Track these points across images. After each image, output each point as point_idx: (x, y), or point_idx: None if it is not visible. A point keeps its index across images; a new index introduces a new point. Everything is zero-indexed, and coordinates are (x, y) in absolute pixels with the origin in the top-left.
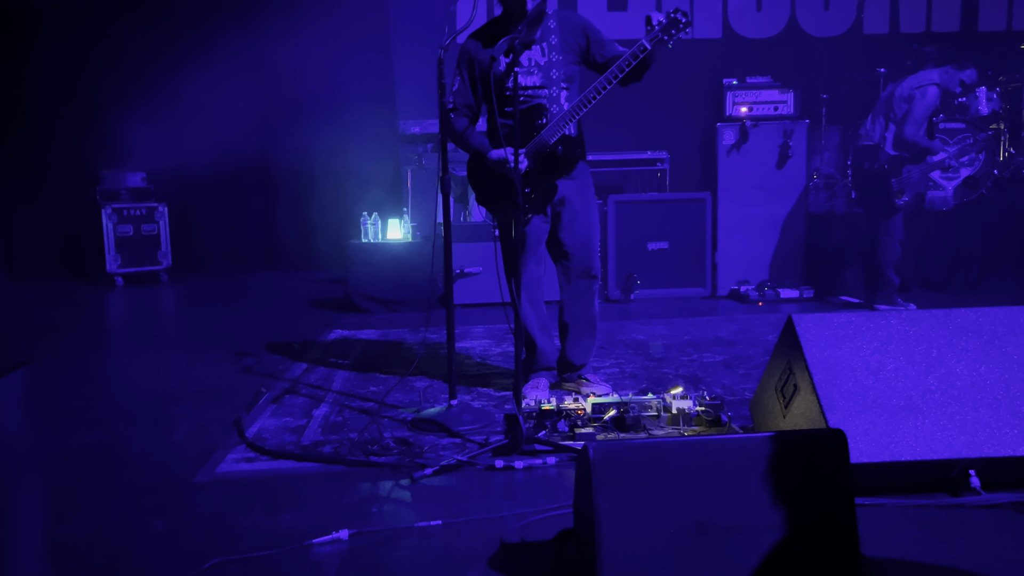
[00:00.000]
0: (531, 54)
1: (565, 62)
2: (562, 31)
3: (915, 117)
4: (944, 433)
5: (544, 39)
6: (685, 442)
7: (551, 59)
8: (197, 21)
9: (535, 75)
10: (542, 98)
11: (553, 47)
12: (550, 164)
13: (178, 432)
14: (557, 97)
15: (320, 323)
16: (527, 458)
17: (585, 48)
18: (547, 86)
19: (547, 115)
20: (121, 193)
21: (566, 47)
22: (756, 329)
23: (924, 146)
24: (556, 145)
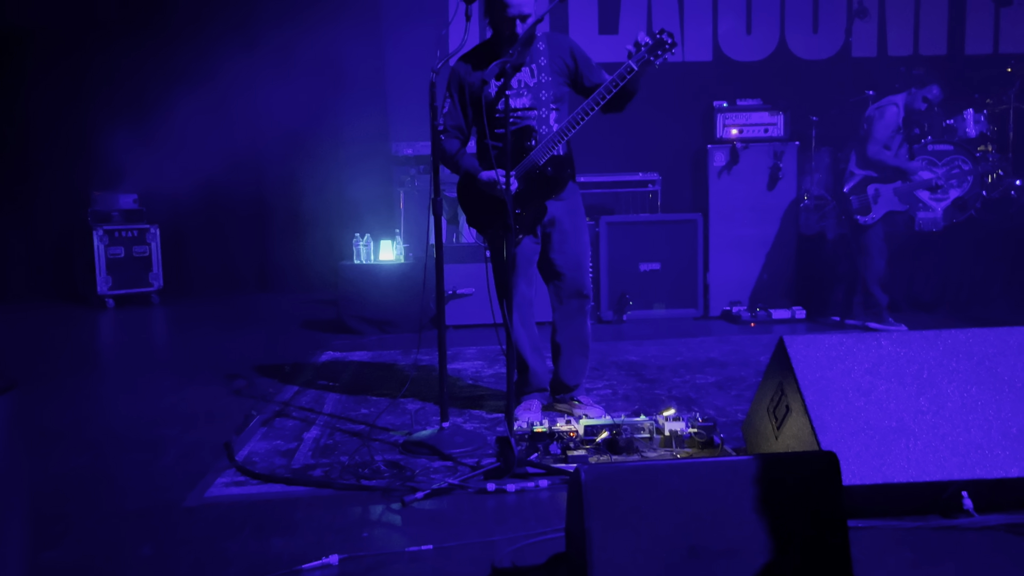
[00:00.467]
0: (520, 75)
1: (554, 83)
2: (551, 52)
3: (875, 136)
4: (936, 455)
5: (533, 60)
6: (677, 465)
7: (540, 80)
8: (191, 42)
9: (524, 96)
10: (531, 119)
11: (542, 68)
12: (540, 185)
13: (167, 455)
14: (546, 118)
15: (312, 345)
16: (519, 481)
17: (573, 70)
18: (536, 107)
19: (536, 136)
20: (113, 215)
21: (555, 68)
22: (748, 350)
23: (892, 165)
24: (546, 166)
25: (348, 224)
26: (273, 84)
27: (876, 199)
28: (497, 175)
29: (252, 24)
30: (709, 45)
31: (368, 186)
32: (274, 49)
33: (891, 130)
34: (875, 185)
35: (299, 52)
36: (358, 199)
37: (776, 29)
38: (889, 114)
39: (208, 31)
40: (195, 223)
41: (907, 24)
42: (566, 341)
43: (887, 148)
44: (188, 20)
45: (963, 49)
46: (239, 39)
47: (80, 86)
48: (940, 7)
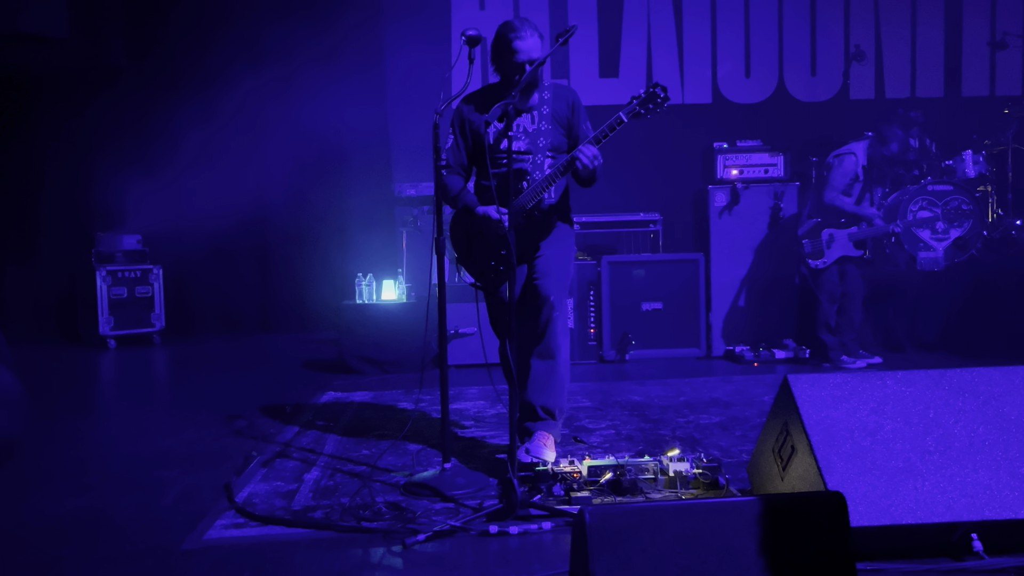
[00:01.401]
0: (521, 120)
1: (553, 132)
2: (554, 102)
3: (832, 183)
4: (944, 495)
5: (537, 108)
6: (682, 506)
7: (540, 127)
8: (195, 84)
9: (521, 140)
10: (526, 163)
11: (544, 116)
12: (527, 226)
13: (167, 497)
14: (541, 164)
15: (313, 385)
16: (522, 523)
17: (570, 123)
18: (532, 152)
19: (528, 179)
20: (116, 255)
21: (556, 118)
22: (752, 390)
23: (850, 212)
24: (532, 210)
25: (351, 264)
26: (276, 125)
27: (830, 244)
28: (488, 210)
29: (256, 66)
30: (708, 88)
31: (371, 226)
32: (277, 91)
33: (849, 178)
34: (829, 230)
35: (302, 94)
36: (361, 239)
37: (775, 72)
38: (848, 162)
39: (212, 74)
40: (198, 263)
41: (904, 67)
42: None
43: (847, 195)
44: (192, 63)
45: (960, 91)
46: (243, 82)
47: (84, 128)
48: (936, 50)
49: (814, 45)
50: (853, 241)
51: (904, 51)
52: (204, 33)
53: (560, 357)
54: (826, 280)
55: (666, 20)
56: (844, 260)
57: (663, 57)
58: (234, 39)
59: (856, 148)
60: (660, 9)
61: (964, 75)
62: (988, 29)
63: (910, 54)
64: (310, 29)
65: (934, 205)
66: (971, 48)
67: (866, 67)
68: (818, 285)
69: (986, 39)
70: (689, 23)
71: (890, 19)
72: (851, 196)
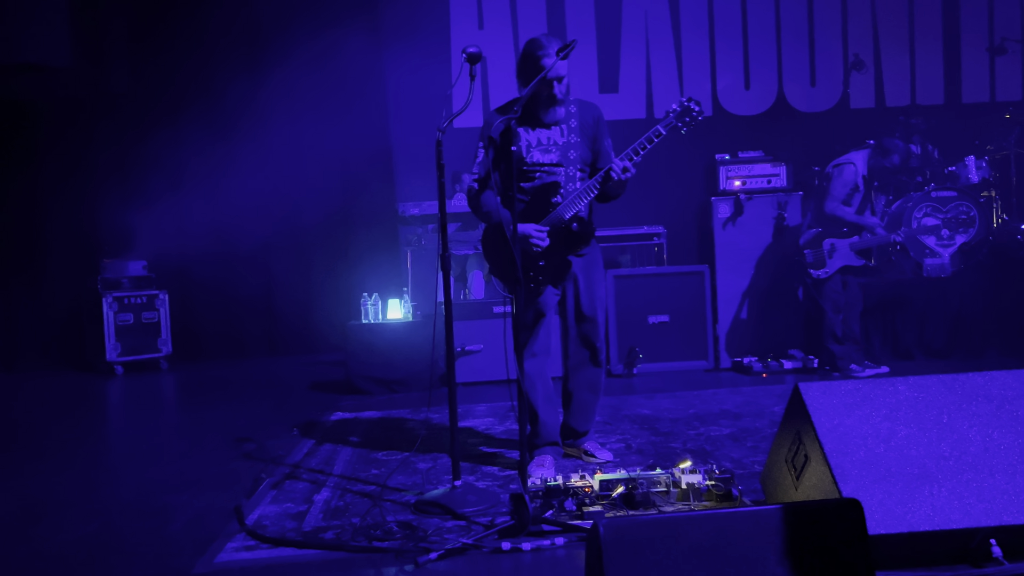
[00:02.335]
0: (550, 133)
1: (582, 145)
2: (580, 116)
3: (832, 193)
4: (961, 501)
5: (564, 122)
6: (697, 517)
7: (569, 140)
8: (197, 110)
9: (552, 153)
10: (558, 175)
11: (572, 130)
12: (563, 239)
13: (176, 521)
14: (573, 176)
15: (321, 406)
16: (535, 539)
17: (595, 137)
18: (564, 165)
19: (562, 192)
20: (122, 282)
21: (583, 131)
22: (762, 401)
23: (851, 221)
24: (571, 222)
25: (356, 284)
26: (278, 147)
27: (832, 254)
28: (529, 229)
29: (257, 89)
30: (708, 100)
31: (375, 246)
32: (279, 114)
33: (848, 188)
34: (831, 240)
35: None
36: (365, 259)
37: (774, 83)
38: (847, 172)
39: (214, 99)
40: (203, 288)
41: (904, 75)
42: (577, 388)
43: (847, 205)
44: (195, 89)
45: (960, 98)
46: (245, 105)
47: (89, 155)
48: (935, 57)
49: (813, 55)
50: (855, 251)
51: (903, 59)
52: (206, 59)
53: (601, 391)
54: (829, 290)
55: (664, 34)
56: (846, 270)
57: (662, 71)
58: (236, 64)
59: (856, 158)
60: (658, 24)
61: (964, 81)
62: (987, 35)
63: (909, 62)
64: (311, 51)
65: (938, 211)
66: (970, 54)
67: (866, 76)
68: (821, 295)
69: (985, 45)
70: (687, 37)
71: (888, 28)
72: (851, 206)
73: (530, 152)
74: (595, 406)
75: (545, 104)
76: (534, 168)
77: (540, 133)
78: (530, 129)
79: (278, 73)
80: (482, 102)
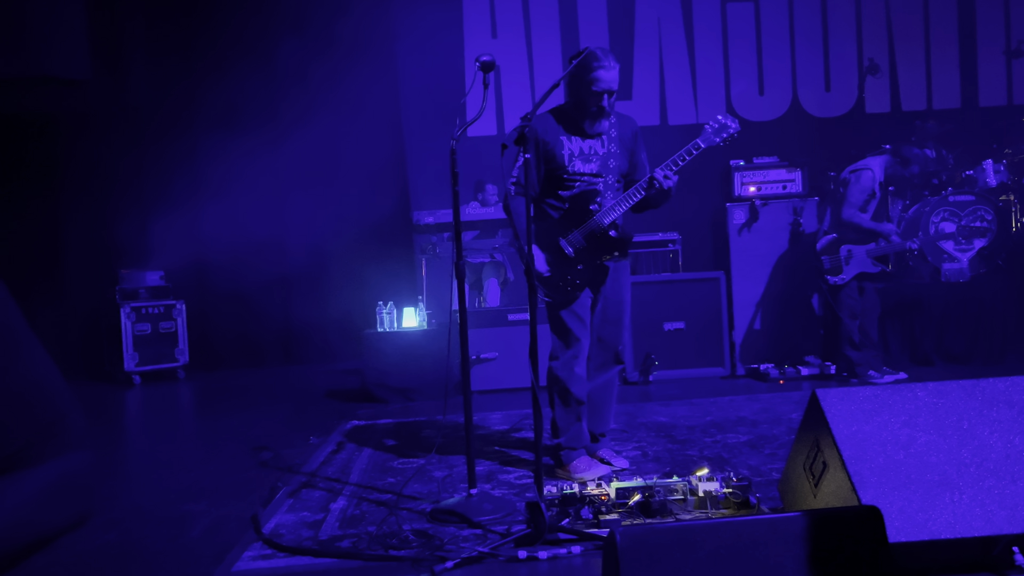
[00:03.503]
0: (592, 143)
1: (621, 156)
2: (620, 128)
3: (849, 200)
4: (983, 508)
5: (605, 133)
6: (715, 524)
7: (609, 150)
8: (214, 121)
9: (593, 163)
10: (597, 184)
11: (612, 140)
12: (601, 245)
13: (194, 530)
14: (611, 186)
15: (337, 415)
16: (551, 548)
17: (633, 150)
18: (603, 175)
19: (599, 200)
20: (140, 292)
21: (623, 144)
22: (779, 408)
23: (868, 228)
24: (609, 228)
25: (371, 293)
26: (294, 157)
27: (848, 260)
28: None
29: (273, 100)
30: (723, 106)
31: (390, 255)
32: (295, 124)
33: (866, 194)
34: (848, 246)
35: (320, 126)
36: (380, 268)
37: (789, 89)
38: (865, 178)
39: (230, 110)
40: (220, 297)
41: (919, 79)
42: (596, 389)
43: (863, 211)
44: (211, 100)
45: (977, 101)
46: (260, 116)
47: (107, 167)
48: (951, 61)
49: (827, 61)
50: (872, 257)
51: (919, 63)
52: (222, 71)
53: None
54: (845, 296)
55: (678, 41)
56: (863, 276)
57: (676, 77)
58: (251, 75)
59: (873, 164)
60: (671, 30)
61: (980, 85)
62: (1003, 38)
63: (925, 66)
64: (326, 61)
65: (956, 216)
66: (986, 57)
67: (881, 81)
68: (838, 301)
69: (1002, 48)
70: (700, 43)
71: (903, 32)
72: (868, 212)
73: (572, 161)
74: (613, 409)
75: (594, 116)
76: (575, 177)
77: (582, 143)
78: (573, 138)
79: (293, 84)
80: (496, 111)
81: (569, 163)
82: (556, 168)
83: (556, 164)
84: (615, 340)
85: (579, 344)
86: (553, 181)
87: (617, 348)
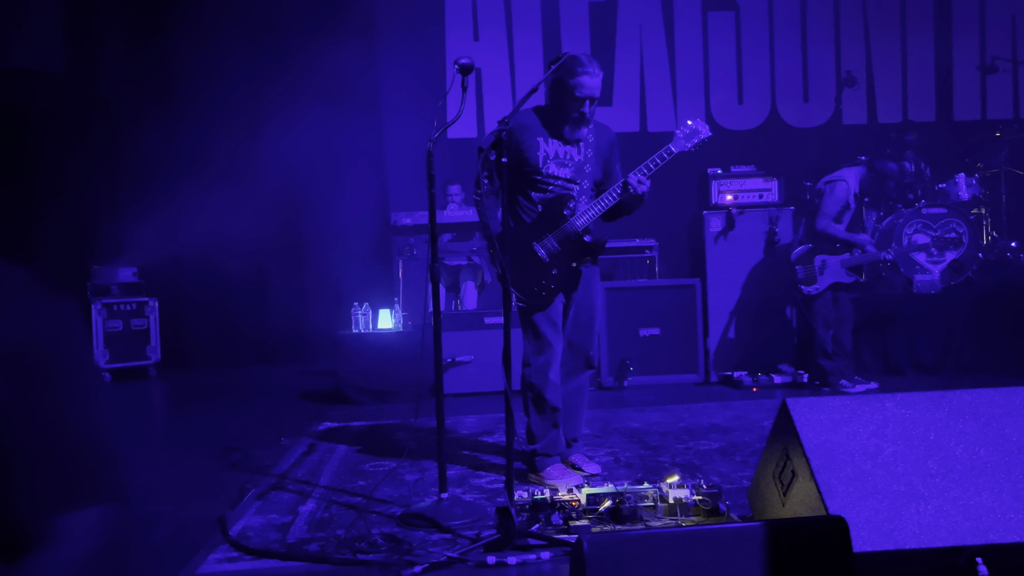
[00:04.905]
0: (568, 149)
1: (595, 164)
2: (597, 137)
3: (824, 211)
4: (948, 519)
5: (582, 139)
6: (682, 533)
7: (586, 156)
8: (191, 116)
9: (568, 168)
10: (571, 189)
11: (589, 146)
12: (576, 250)
13: (160, 531)
14: (584, 192)
15: (309, 416)
16: (520, 553)
17: (608, 160)
18: (578, 181)
19: (571, 206)
20: (112, 288)
21: (599, 152)
22: (751, 415)
23: (842, 238)
24: (584, 232)
25: (348, 294)
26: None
27: (822, 270)
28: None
29: (252, 97)
30: (702, 115)
31: (367, 255)
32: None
33: (840, 205)
34: (822, 256)
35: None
36: (357, 268)
37: (767, 99)
38: (839, 190)
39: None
40: (194, 296)
41: (896, 92)
42: (569, 394)
43: (837, 222)
44: (188, 96)
45: (952, 115)
46: (239, 113)
47: (80, 162)
48: (927, 75)
49: (806, 72)
50: (846, 268)
51: (895, 76)
52: (199, 66)
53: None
54: (819, 306)
55: (658, 49)
56: (837, 287)
57: (656, 85)
58: (229, 71)
59: (848, 175)
60: (652, 38)
61: (955, 99)
62: (978, 54)
63: (901, 79)
64: (306, 59)
65: (929, 228)
66: (962, 73)
67: (858, 93)
68: (811, 311)
69: (976, 64)
70: (681, 51)
71: (881, 45)
72: (842, 223)
73: (547, 164)
74: (584, 414)
75: (575, 122)
76: (548, 180)
77: (559, 147)
78: (552, 141)
79: (272, 81)
80: (476, 113)
81: (543, 165)
82: (529, 169)
83: (529, 165)
84: (586, 345)
85: (552, 350)
86: (525, 182)
87: (588, 353)
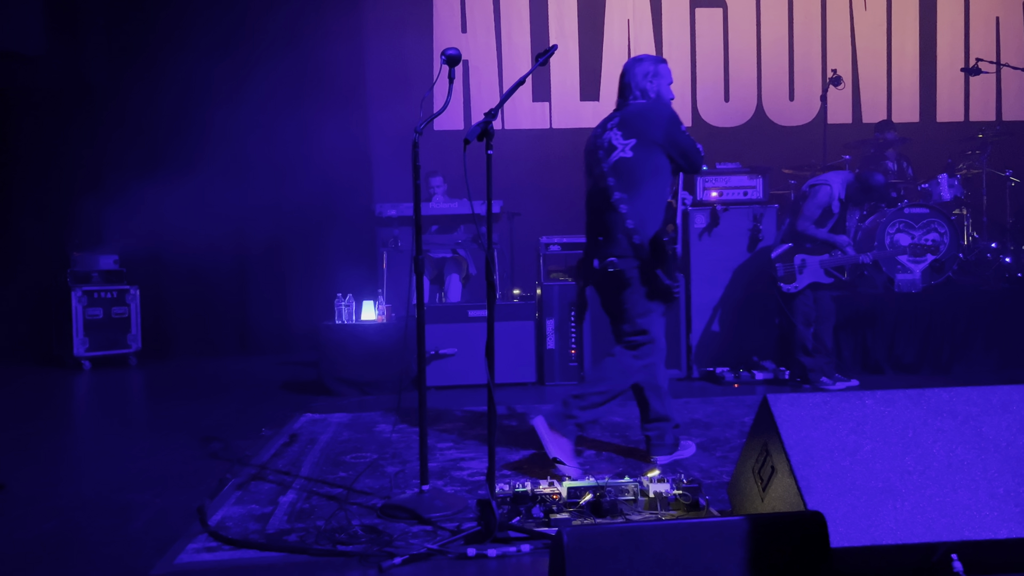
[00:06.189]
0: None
1: None
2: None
3: (804, 213)
4: (924, 516)
5: None
6: (662, 526)
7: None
8: (174, 103)
9: None
10: None
11: None
12: None
13: (138, 521)
14: None
15: (291, 407)
16: (501, 546)
17: None
18: None
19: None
20: (92, 275)
21: None
22: (732, 411)
23: (821, 239)
24: None
25: (331, 285)
26: (256, 144)
27: (802, 269)
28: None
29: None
30: (689, 111)
31: (351, 246)
32: (258, 111)
33: (821, 209)
34: (802, 256)
35: (283, 113)
36: (341, 259)
37: (754, 97)
38: (822, 194)
39: (191, 93)
40: (176, 284)
41: (880, 92)
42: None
43: (819, 225)
44: (172, 82)
45: (935, 116)
46: (223, 101)
47: (62, 146)
48: (911, 76)
49: (792, 71)
50: (825, 268)
51: (880, 77)
52: (183, 50)
53: None
54: (800, 303)
55: (646, 43)
56: (816, 286)
57: None
58: (214, 58)
59: (833, 180)
60: (640, 34)
61: (939, 101)
62: (962, 56)
63: (886, 80)
64: (292, 47)
65: (911, 228)
66: (945, 74)
67: (843, 92)
68: (792, 308)
69: (960, 66)
70: (669, 48)
71: (866, 46)
72: (824, 227)
73: None
74: None
75: None
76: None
77: None
78: None
79: (257, 69)
80: (463, 105)
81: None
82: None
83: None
84: None
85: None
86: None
87: None
